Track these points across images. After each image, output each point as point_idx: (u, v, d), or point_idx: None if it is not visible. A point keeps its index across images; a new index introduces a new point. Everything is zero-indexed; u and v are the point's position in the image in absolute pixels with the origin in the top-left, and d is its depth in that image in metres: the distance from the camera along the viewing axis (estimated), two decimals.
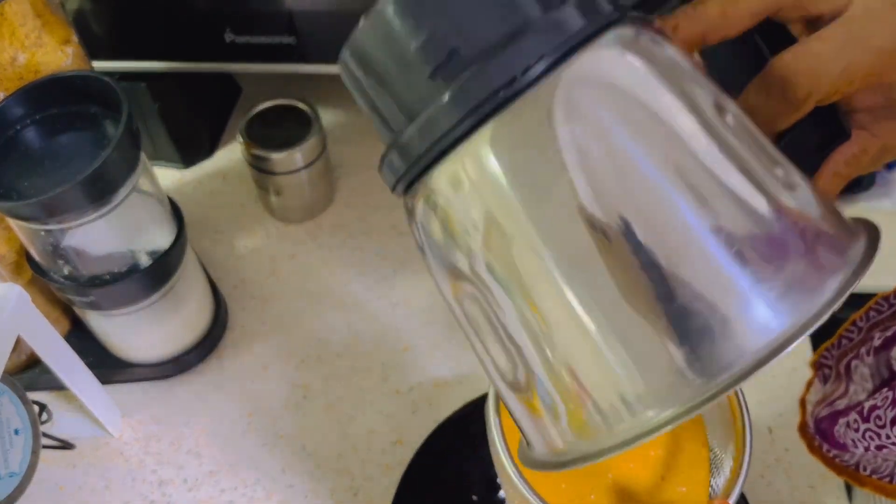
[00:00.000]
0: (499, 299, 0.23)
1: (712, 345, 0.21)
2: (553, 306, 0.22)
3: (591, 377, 0.22)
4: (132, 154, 0.49)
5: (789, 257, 0.21)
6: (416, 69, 0.23)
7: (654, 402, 0.21)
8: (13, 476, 0.46)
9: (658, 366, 0.21)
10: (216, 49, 0.62)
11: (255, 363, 0.62)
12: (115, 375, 0.60)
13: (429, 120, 0.22)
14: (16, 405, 0.47)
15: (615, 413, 0.22)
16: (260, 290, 0.66)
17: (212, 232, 0.70)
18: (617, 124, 0.22)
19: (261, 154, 0.64)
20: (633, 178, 0.21)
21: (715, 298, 0.21)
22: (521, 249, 0.22)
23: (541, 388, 0.23)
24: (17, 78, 0.49)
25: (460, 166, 0.22)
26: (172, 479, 0.56)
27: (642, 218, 0.21)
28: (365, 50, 0.24)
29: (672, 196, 0.21)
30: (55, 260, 0.51)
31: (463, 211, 0.23)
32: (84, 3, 0.60)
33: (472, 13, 0.22)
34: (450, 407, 0.58)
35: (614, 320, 0.21)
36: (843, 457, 0.50)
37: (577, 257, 0.22)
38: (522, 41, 0.22)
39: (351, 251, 0.68)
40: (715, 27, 0.28)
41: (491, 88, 0.22)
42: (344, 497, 0.55)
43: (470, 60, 0.22)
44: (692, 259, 0.21)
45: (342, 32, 0.62)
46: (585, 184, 0.21)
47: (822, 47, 0.27)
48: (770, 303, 0.21)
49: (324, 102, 0.74)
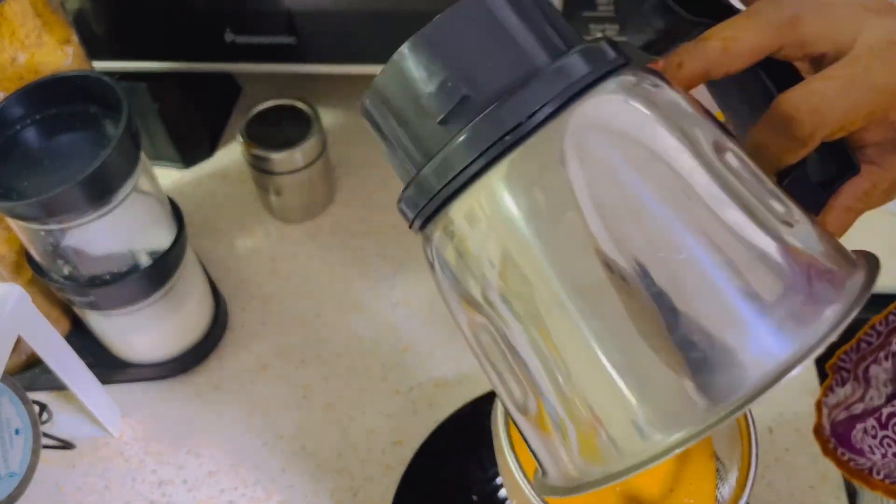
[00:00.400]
0: (512, 329, 0.24)
1: (719, 372, 0.22)
2: (565, 336, 0.23)
3: (603, 404, 0.23)
4: (132, 154, 0.49)
5: (790, 290, 0.22)
6: (430, 114, 0.24)
7: (664, 426, 0.22)
8: (13, 476, 0.46)
9: (668, 392, 0.22)
10: (216, 49, 0.62)
11: (255, 363, 0.62)
12: (115, 375, 0.60)
13: (445, 159, 0.24)
14: (16, 405, 0.47)
15: (627, 438, 0.23)
16: (260, 290, 0.66)
17: (212, 232, 0.70)
18: (623, 165, 0.23)
19: (261, 154, 0.64)
20: (641, 215, 0.23)
21: (721, 329, 0.22)
22: (534, 281, 0.23)
23: (553, 416, 0.24)
24: (18, 78, 0.49)
25: (476, 202, 0.24)
26: (172, 479, 0.56)
27: (650, 253, 0.22)
28: (385, 95, 0.26)
29: (678, 232, 0.23)
30: (55, 260, 0.51)
31: (478, 243, 0.24)
32: (84, 2, 0.60)
33: (482, 63, 0.24)
34: (450, 407, 0.58)
35: (625, 350, 0.23)
36: (858, 461, 0.50)
37: (589, 290, 0.23)
38: (530, 88, 0.23)
39: (351, 251, 0.68)
40: (717, 63, 0.28)
41: (502, 131, 0.23)
42: (344, 497, 0.55)
43: (480, 106, 0.24)
44: (699, 292, 0.22)
45: (342, 32, 0.62)
46: (596, 220, 0.23)
47: (826, 86, 0.27)
48: (771, 333, 0.22)
49: (324, 102, 0.74)
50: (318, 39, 0.61)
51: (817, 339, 0.22)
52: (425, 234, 0.27)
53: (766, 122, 0.28)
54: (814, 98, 0.27)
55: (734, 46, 0.28)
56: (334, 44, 0.61)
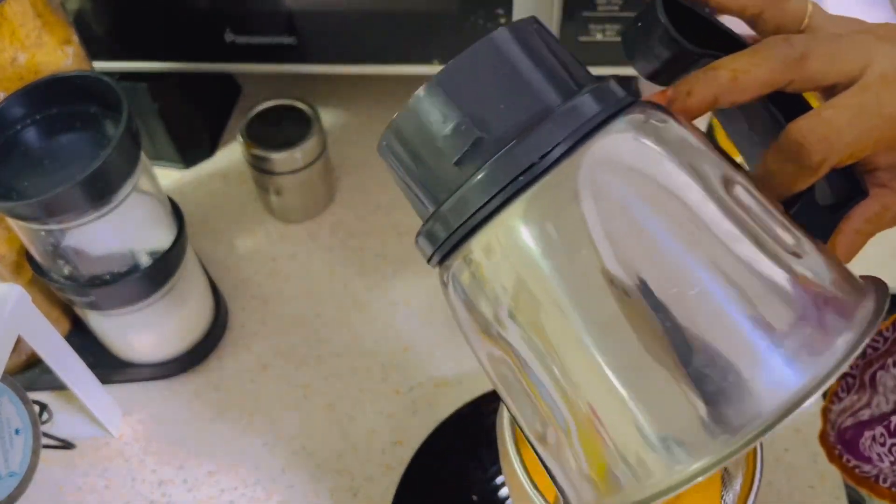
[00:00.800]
0: (528, 359, 0.25)
1: (735, 403, 0.22)
2: (581, 367, 0.24)
3: (622, 434, 0.24)
4: (132, 154, 0.49)
5: (801, 321, 0.23)
6: (446, 155, 0.25)
7: (683, 457, 0.23)
8: (13, 476, 0.46)
9: (686, 424, 0.23)
10: (216, 49, 0.62)
11: (255, 363, 0.62)
12: (116, 375, 0.60)
13: (462, 197, 0.25)
14: (16, 405, 0.47)
15: (646, 469, 0.23)
16: (260, 290, 0.66)
17: (212, 232, 0.70)
18: (635, 201, 0.24)
19: (261, 154, 0.64)
20: (653, 251, 0.24)
21: (735, 361, 0.23)
22: (550, 312, 0.24)
23: (574, 447, 0.25)
24: (18, 78, 0.49)
25: (494, 237, 0.25)
26: (172, 479, 0.56)
27: (664, 286, 0.23)
28: (402, 135, 0.27)
29: (689, 267, 0.23)
30: (55, 260, 0.51)
31: (496, 276, 0.25)
32: (84, 3, 0.60)
33: (495, 104, 0.25)
34: (450, 407, 0.58)
35: (641, 381, 0.23)
36: (864, 468, 0.50)
37: (604, 321, 0.24)
38: (543, 128, 0.24)
39: (351, 251, 0.68)
40: (726, 92, 0.28)
41: (518, 171, 0.24)
42: (344, 497, 0.55)
43: (494, 147, 0.25)
44: (712, 325, 0.23)
45: (342, 32, 0.63)
46: (610, 256, 0.23)
47: (835, 115, 0.27)
48: (784, 364, 0.23)
49: (324, 102, 0.74)
50: (318, 39, 0.61)
51: (830, 369, 0.22)
52: (444, 267, 0.27)
53: (775, 150, 0.28)
54: (823, 126, 0.27)
55: (743, 78, 0.28)
56: (334, 44, 0.61)
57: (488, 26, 0.57)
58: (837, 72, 0.28)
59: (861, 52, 0.28)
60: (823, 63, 0.28)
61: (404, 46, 0.60)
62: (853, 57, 0.28)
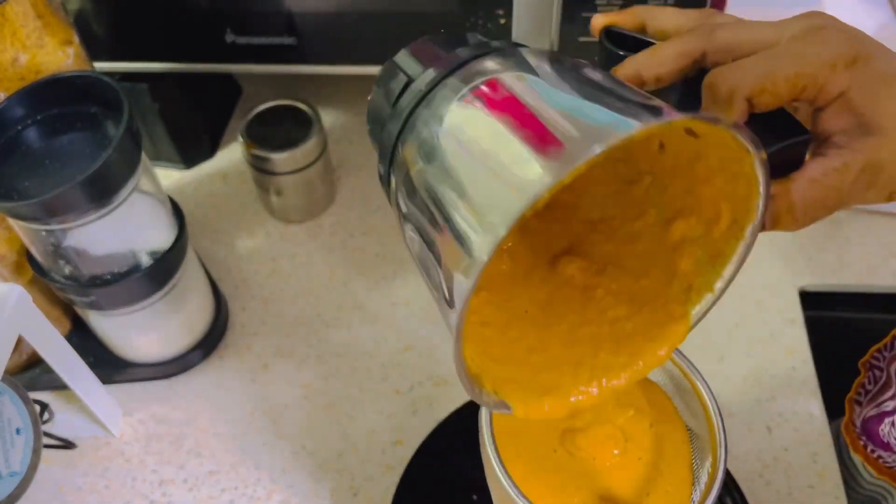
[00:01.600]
0: (431, 185, 0.32)
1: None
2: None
3: (488, 188, 0.29)
4: (133, 154, 0.49)
5: (627, 106, 0.28)
6: (388, 105, 0.36)
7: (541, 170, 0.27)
8: (14, 475, 0.46)
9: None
10: (216, 49, 0.62)
11: (255, 363, 0.62)
12: (116, 375, 0.60)
13: (389, 128, 0.35)
14: (17, 405, 0.47)
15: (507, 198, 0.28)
16: (260, 290, 0.66)
17: (212, 232, 0.70)
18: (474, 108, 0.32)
19: (261, 154, 0.64)
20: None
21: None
22: (439, 165, 0.31)
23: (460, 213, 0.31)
24: (19, 78, 0.49)
25: (411, 137, 0.33)
26: (173, 479, 0.56)
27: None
28: (372, 112, 0.38)
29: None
30: (56, 260, 0.51)
31: (412, 159, 0.33)
32: (85, 3, 0.60)
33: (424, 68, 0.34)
34: (450, 407, 0.58)
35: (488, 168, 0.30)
36: (886, 458, 0.50)
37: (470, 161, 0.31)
38: (436, 70, 0.34)
39: (351, 251, 0.68)
40: (645, 66, 0.32)
41: (418, 98, 0.33)
42: (344, 497, 0.55)
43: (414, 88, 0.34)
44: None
45: (342, 33, 0.65)
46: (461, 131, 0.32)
47: (745, 60, 0.30)
48: (610, 116, 0.28)
49: (324, 102, 0.75)
50: (318, 40, 0.61)
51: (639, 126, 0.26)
52: (390, 182, 0.35)
53: (703, 99, 0.31)
54: (732, 66, 0.30)
55: (659, 51, 0.32)
56: (334, 44, 0.61)
57: (488, 26, 0.57)
58: (747, 40, 0.31)
59: (774, 26, 0.31)
60: (733, 32, 0.31)
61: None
62: (764, 27, 0.31)
